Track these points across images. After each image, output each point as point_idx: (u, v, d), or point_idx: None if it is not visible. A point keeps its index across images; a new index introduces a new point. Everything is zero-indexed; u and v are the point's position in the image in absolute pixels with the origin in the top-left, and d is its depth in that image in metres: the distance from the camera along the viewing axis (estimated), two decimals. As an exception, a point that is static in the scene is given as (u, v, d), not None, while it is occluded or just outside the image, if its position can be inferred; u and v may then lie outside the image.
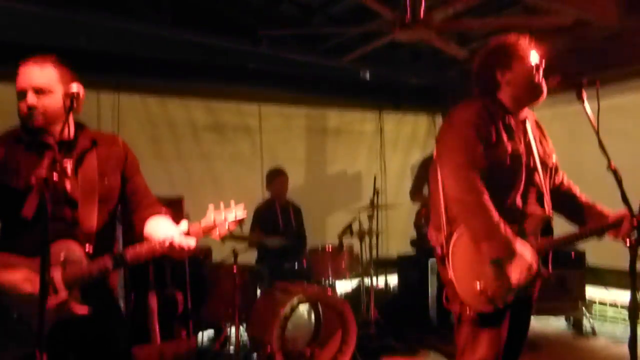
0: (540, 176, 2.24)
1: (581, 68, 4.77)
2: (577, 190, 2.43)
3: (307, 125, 6.32)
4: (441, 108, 6.78)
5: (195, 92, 5.55)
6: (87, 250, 1.88)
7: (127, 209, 2.09)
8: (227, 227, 1.92)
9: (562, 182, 2.44)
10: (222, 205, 1.94)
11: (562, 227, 2.32)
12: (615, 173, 2.03)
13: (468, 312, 2.12)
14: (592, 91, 2.13)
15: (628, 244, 2.00)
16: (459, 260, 2.12)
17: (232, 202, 1.96)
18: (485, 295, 2.08)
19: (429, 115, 7.10)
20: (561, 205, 2.35)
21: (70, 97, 1.80)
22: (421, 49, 5.62)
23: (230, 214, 1.92)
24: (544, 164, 2.29)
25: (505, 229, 2.04)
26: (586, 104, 2.12)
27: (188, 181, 5.39)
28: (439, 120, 6.99)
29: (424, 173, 5.21)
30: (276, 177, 4.96)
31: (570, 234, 2.24)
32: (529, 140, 2.27)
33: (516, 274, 2.04)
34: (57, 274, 1.80)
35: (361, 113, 6.66)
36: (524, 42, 2.26)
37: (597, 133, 2.07)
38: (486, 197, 2.05)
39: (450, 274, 2.13)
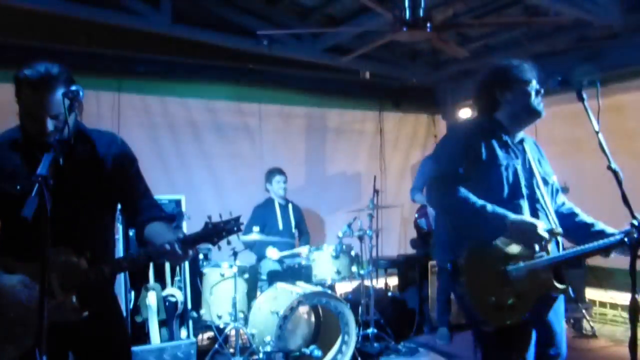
0: (543, 194, 2.26)
1: (581, 68, 4.77)
2: (578, 210, 2.42)
3: (307, 125, 6.32)
4: (441, 108, 6.79)
5: (195, 92, 5.55)
6: (86, 253, 1.86)
7: (127, 209, 2.08)
8: (224, 237, 1.91)
9: (563, 204, 2.43)
10: (220, 214, 1.95)
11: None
12: (615, 173, 2.02)
13: (487, 329, 2.11)
14: (592, 91, 2.13)
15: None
16: (472, 275, 2.10)
17: (230, 212, 1.96)
18: (500, 308, 2.07)
19: (429, 115, 7.10)
20: (563, 227, 2.32)
21: (70, 98, 1.79)
22: (421, 49, 5.63)
23: (228, 225, 1.91)
24: (545, 182, 2.30)
25: (492, 207, 2.06)
26: (586, 104, 2.12)
27: (188, 181, 5.39)
28: (439, 120, 7.00)
29: (423, 173, 5.21)
30: (275, 177, 4.95)
31: (577, 249, 2.21)
32: (529, 160, 2.28)
33: (526, 239, 2.05)
34: (54, 278, 1.79)
35: (361, 113, 6.66)
36: (527, 65, 2.29)
37: (598, 133, 2.07)
38: (463, 192, 2.08)
39: (464, 290, 2.11)
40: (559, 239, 2.25)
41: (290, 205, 5.06)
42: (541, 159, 2.39)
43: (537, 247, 2.07)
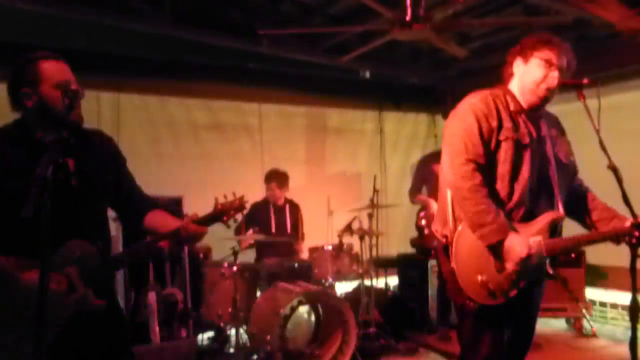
0: (552, 174, 2.21)
1: (581, 68, 4.76)
2: (591, 194, 2.37)
3: (307, 124, 6.32)
4: (441, 107, 6.77)
5: (195, 92, 5.55)
6: (98, 245, 1.92)
7: (122, 203, 2.12)
8: (232, 215, 2.04)
9: (577, 186, 2.38)
10: (225, 195, 2.08)
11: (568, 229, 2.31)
12: (615, 172, 2.02)
13: (471, 305, 2.11)
14: (592, 91, 2.13)
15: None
16: (462, 251, 2.12)
17: (234, 193, 2.08)
18: (486, 288, 2.07)
19: (429, 114, 7.10)
20: (572, 208, 2.30)
21: (70, 95, 1.79)
22: (421, 49, 5.63)
23: (234, 203, 2.05)
24: (558, 162, 2.24)
25: (498, 215, 2.04)
26: (587, 103, 2.11)
27: (188, 181, 5.38)
28: (439, 120, 6.99)
29: (422, 173, 5.19)
30: (270, 184, 4.92)
31: (579, 236, 2.21)
32: (543, 136, 2.23)
33: (509, 262, 2.05)
34: (73, 271, 1.84)
35: (361, 112, 6.66)
36: (555, 45, 2.16)
37: (598, 132, 2.07)
38: (480, 183, 2.06)
39: (453, 264, 2.12)
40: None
41: (287, 206, 5.04)
42: (560, 137, 2.32)
43: (511, 267, 2.06)
